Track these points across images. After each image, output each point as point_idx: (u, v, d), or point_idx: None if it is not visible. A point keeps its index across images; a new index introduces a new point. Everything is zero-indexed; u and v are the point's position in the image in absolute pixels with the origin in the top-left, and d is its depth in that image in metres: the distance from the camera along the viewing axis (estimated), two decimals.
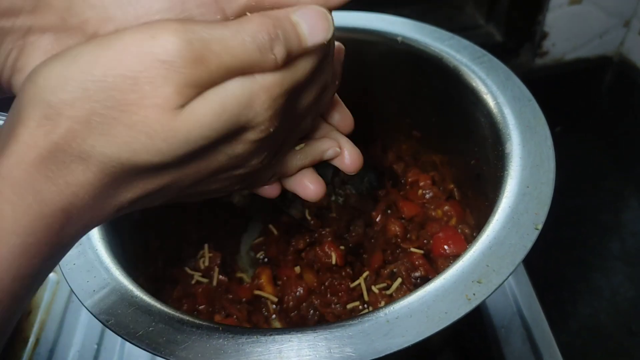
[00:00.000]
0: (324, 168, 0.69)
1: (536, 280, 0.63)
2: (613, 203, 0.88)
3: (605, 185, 0.92)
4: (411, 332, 0.33)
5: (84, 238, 0.43)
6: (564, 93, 0.98)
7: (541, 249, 0.38)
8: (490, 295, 0.34)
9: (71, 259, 0.41)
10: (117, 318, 0.36)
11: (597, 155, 0.97)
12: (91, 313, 0.37)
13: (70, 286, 0.39)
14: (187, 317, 0.36)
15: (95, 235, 0.43)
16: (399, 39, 0.57)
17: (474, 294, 0.35)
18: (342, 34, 0.60)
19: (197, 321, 0.36)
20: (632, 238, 0.82)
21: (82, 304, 0.38)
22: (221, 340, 0.35)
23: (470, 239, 0.55)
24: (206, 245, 0.61)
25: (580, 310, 0.73)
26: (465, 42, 0.55)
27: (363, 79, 0.65)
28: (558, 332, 0.58)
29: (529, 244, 0.37)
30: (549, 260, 0.79)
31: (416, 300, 0.35)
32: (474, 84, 0.51)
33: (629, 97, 0.93)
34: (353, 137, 0.73)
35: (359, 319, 0.35)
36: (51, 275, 0.70)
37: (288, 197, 0.65)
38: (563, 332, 0.70)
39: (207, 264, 0.60)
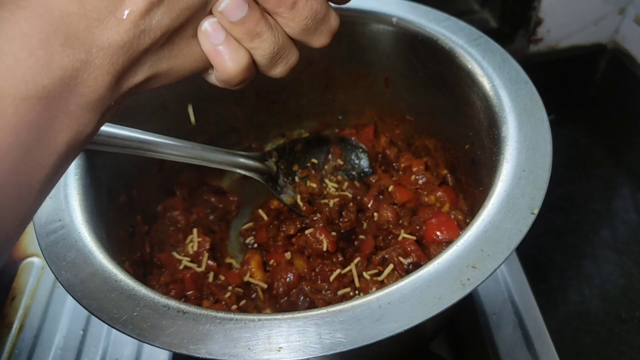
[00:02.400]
0: (318, 153, 0.69)
1: (527, 267, 0.63)
2: (605, 191, 0.88)
3: (597, 173, 0.91)
4: (404, 318, 0.33)
5: (67, 221, 0.42)
6: (557, 80, 0.98)
7: (532, 236, 0.37)
8: (485, 280, 0.34)
9: (53, 241, 0.40)
10: (100, 302, 0.35)
11: (589, 143, 0.96)
12: (73, 297, 0.36)
13: (51, 269, 0.38)
14: (172, 302, 0.35)
15: (78, 218, 0.42)
16: (394, 19, 0.56)
17: (468, 279, 0.34)
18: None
19: (183, 306, 0.35)
20: (623, 226, 0.82)
21: (64, 287, 0.36)
22: (208, 325, 0.34)
23: (463, 226, 0.54)
24: (195, 230, 0.60)
25: (571, 297, 0.73)
26: (462, 24, 0.54)
27: (355, 61, 0.64)
28: (549, 319, 0.58)
29: (524, 229, 0.36)
30: (540, 248, 0.79)
31: (409, 286, 0.34)
32: (469, 66, 0.50)
33: (623, 85, 0.93)
34: (345, 122, 0.72)
35: (350, 304, 0.34)
36: (36, 260, 0.68)
37: (279, 183, 0.64)
38: (554, 318, 0.70)
39: (195, 249, 0.58)
